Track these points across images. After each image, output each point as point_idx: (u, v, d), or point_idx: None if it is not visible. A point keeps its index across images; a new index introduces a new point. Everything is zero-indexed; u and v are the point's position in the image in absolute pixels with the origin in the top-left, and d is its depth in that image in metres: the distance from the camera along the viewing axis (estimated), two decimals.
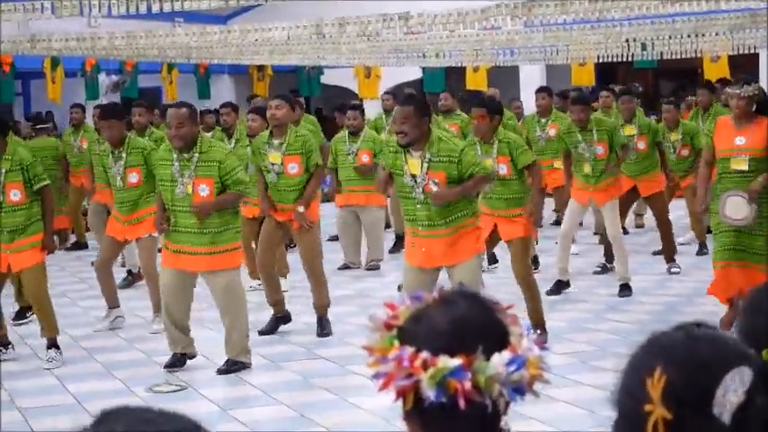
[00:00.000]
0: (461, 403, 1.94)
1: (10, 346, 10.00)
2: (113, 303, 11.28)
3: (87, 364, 9.74)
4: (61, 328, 11.03)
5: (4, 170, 9.61)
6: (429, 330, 2.00)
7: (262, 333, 10.44)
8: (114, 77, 25.65)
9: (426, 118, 8.38)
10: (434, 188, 8.25)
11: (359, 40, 16.73)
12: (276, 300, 10.64)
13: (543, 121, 14.80)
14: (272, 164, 10.46)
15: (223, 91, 29.38)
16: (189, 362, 9.32)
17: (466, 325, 2.01)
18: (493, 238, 10.21)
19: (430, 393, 1.94)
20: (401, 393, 1.99)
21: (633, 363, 1.85)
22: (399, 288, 9.58)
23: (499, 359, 1.96)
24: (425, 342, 1.98)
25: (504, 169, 9.95)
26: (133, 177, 10.86)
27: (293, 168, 10.45)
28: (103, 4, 11.25)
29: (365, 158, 14.14)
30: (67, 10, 11.41)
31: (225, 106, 14.83)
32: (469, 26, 13.56)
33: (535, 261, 12.89)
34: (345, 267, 14.34)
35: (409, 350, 1.98)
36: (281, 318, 10.68)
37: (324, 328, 10.54)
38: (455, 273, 8.44)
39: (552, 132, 14.39)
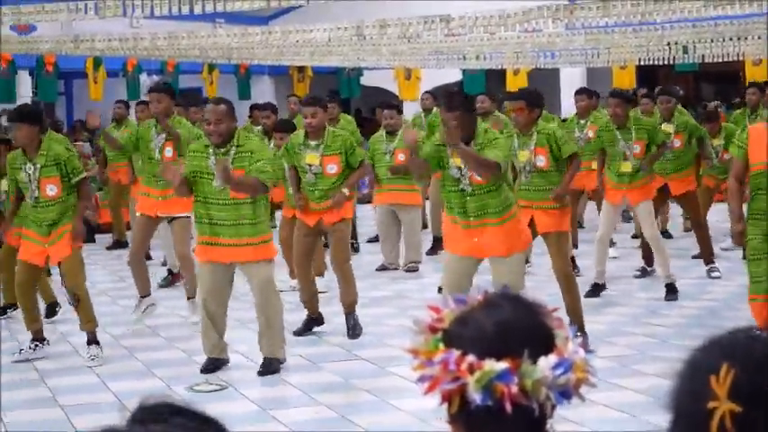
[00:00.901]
0: (508, 407, 1.95)
1: (45, 342, 10.04)
2: (145, 292, 11.33)
3: (128, 362, 9.79)
4: (102, 326, 11.10)
5: (39, 165, 9.67)
6: (474, 333, 2.01)
7: (296, 334, 10.47)
8: (155, 77, 25.78)
9: (473, 114, 8.58)
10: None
11: (399, 42, 16.75)
12: (309, 299, 10.65)
13: (582, 122, 14.76)
14: (310, 165, 10.48)
15: (263, 91, 29.47)
16: (229, 362, 9.35)
17: (512, 328, 2.01)
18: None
19: (476, 397, 1.95)
20: (447, 397, 2.00)
21: (693, 364, 1.83)
22: (439, 290, 9.57)
23: (546, 363, 1.97)
24: (471, 345, 1.98)
25: (542, 161, 9.93)
26: (169, 152, 11.01)
27: (332, 168, 10.48)
28: (146, 5, 11.33)
29: (401, 158, 14.15)
30: (111, 10, 11.50)
31: (264, 108, 14.90)
32: (510, 28, 13.57)
33: (573, 264, 12.88)
34: (383, 268, 14.35)
35: (455, 353, 1.98)
36: (314, 319, 10.68)
37: (354, 329, 10.54)
38: (499, 267, 8.49)
39: (591, 134, 14.35)
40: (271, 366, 9.12)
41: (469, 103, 8.73)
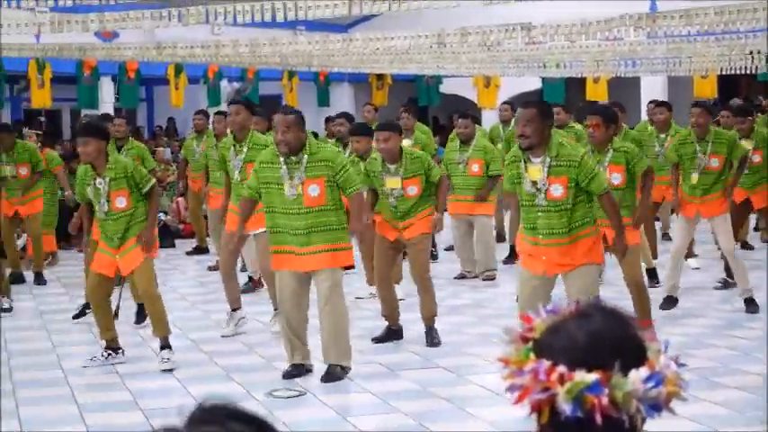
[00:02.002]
0: (598, 419, 1.93)
1: (120, 351, 10.10)
2: (236, 305, 11.38)
3: (208, 367, 9.86)
4: (182, 331, 11.22)
5: (108, 179, 9.74)
6: (565, 344, 2.00)
7: (375, 341, 10.48)
8: (236, 84, 26.02)
9: (549, 122, 8.32)
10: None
11: (479, 50, 16.73)
12: (390, 314, 10.66)
13: (663, 136, 14.62)
14: (392, 189, 10.53)
15: (343, 99, 29.61)
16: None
17: (603, 339, 2.00)
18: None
19: (566, 408, 1.94)
20: (537, 407, 1.99)
21: None
22: (517, 299, 9.51)
23: (637, 375, 1.95)
24: (561, 356, 1.98)
25: (618, 179, 9.86)
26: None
27: (413, 190, 10.52)
28: (229, 13, 11.43)
29: (475, 168, 14.14)
30: (194, 18, 11.62)
31: (339, 117, 14.92)
32: (591, 36, 13.50)
33: (654, 275, 12.79)
34: (462, 277, 14.34)
35: (546, 363, 1.97)
36: (395, 331, 10.67)
37: (433, 338, 10.53)
38: (571, 280, 8.38)
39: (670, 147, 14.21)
40: (335, 374, 9.11)
41: (547, 110, 8.59)
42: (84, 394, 8.95)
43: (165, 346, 9.86)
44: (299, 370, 9.26)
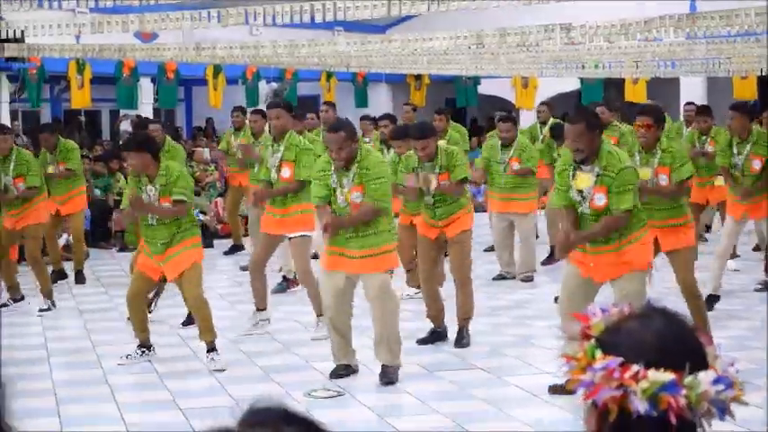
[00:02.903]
0: (673, 419, 1.92)
1: (152, 349, 10.15)
2: (261, 306, 11.41)
3: (246, 367, 9.88)
4: (220, 331, 11.24)
5: (159, 185, 9.81)
6: (633, 343, 1.98)
7: (419, 342, 10.47)
8: (274, 85, 26.07)
9: (597, 131, 8.35)
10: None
11: (518, 51, 16.68)
12: (435, 315, 10.64)
13: (704, 138, 14.55)
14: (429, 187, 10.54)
15: (380, 99, 29.61)
16: None
17: (671, 340, 1.98)
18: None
19: (641, 406, 1.92)
20: (605, 405, 1.97)
21: None
22: (556, 300, 9.48)
23: (706, 377, 1.94)
24: (629, 354, 1.96)
25: (665, 180, 9.81)
26: (286, 172, 11.03)
27: (447, 184, 10.51)
28: (268, 14, 11.45)
29: (515, 167, 14.21)
30: (233, 18, 11.65)
31: (383, 118, 14.98)
32: (631, 37, 13.42)
33: None
34: (501, 277, 14.32)
35: (618, 361, 1.96)
36: (440, 333, 10.65)
37: (462, 339, 10.52)
38: (618, 286, 8.36)
39: (710, 149, 14.13)
40: (390, 374, 9.11)
41: (594, 119, 8.60)
42: (124, 393, 9.00)
43: (212, 349, 9.88)
44: (345, 370, 9.27)
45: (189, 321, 11.41)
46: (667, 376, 1.92)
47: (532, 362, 9.56)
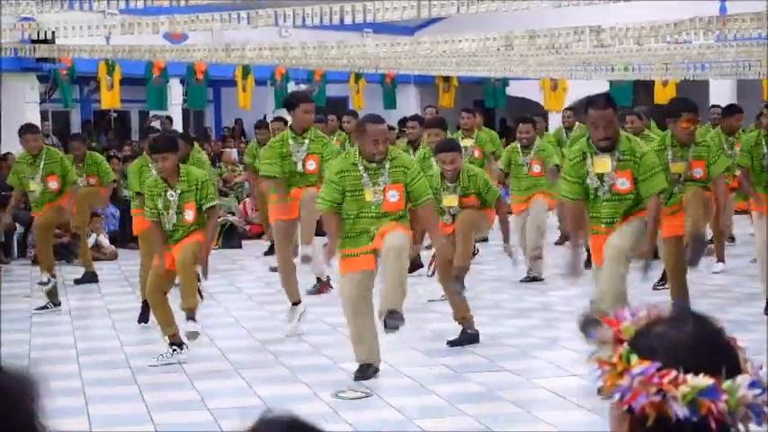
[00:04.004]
0: (713, 424, 1.91)
1: (184, 347, 10.15)
2: (295, 299, 11.42)
3: (274, 368, 9.89)
4: (248, 332, 11.29)
5: (180, 191, 9.83)
6: (669, 347, 1.96)
7: (450, 344, 10.45)
8: (303, 86, 26.08)
9: (617, 115, 8.61)
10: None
11: (547, 53, 16.68)
12: (463, 316, 10.62)
13: (731, 139, 14.49)
14: (449, 207, 10.57)
15: (409, 101, 29.60)
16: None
17: (707, 343, 1.97)
18: None
19: (681, 412, 1.91)
20: (642, 410, 1.95)
21: None
22: (592, 302, 9.31)
23: (743, 381, 1.93)
24: (666, 358, 1.95)
25: (700, 173, 9.89)
26: (311, 164, 11.04)
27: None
28: (297, 15, 11.48)
29: (536, 169, 14.23)
30: (263, 20, 11.68)
31: (412, 119, 14.98)
32: (661, 40, 13.41)
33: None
34: (530, 280, 14.27)
35: (656, 366, 1.94)
36: (472, 335, 10.60)
37: (460, 292, 10.52)
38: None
39: (737, 150, 14.07)
40: (396, 315, 8.92)
41: (614, 104, 8.69)
42: (152, 393, 9.02)
43: (192, 318, 9.96)
44: (368, 371, 9.26)
45: (142, 319, 11.53)
46: (707, 381, 1.90)
47: (560, 364, 9.54)
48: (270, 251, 17.54)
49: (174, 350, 10.08)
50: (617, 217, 8.54)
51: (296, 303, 11.37)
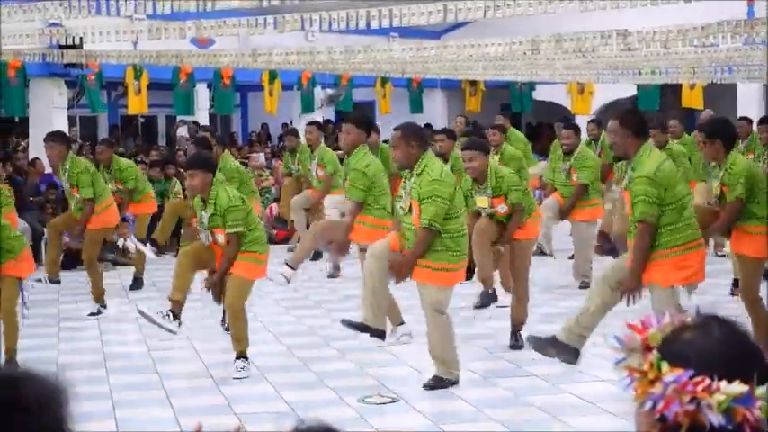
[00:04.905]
0: (748, 431, 1.89)
1: (179, 322, 9.85)
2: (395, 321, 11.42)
3: (301, 373, 9.90)
4: (275, 336, 11.30)
5: (209, 214, 9.74)
6: (700, 354, 1.95)
7: (477, 306, 10.63)
8: (329, 91, 26.12)
9: (635, 133, 8.24)
10: None
11: (574, 57, 16.63)
12: (484, 278, 10.63)
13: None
14: (483, 207, 10.56)
15: (435, 105, 29.61)
16: (401, 375, 9.39)
17: (737, 349, 1.95)
18: None
19: (716, 420, 1.89)
20: (676, 418, 1.94)
21: None
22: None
23: None
24: (697, 365, 1.93)
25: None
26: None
27: (503, 208, 10.53)
28: (324, 20, 11.48)
29: (575, 177, 14.08)
30: (290, 25, 11.69)
31: (440, 132, 14.97)
32: (689, 43, 13.34)
33: None
34: (541, 253, 14.34)
35: (689, 374, 1.93)
36: (491, 294, 10.62)
37: (517, 341, 10.55)
38: (651, 295, 8.28)
39: None
40: (437, 383, 9.08)
41: (639, 123, 8.46)
42: (180, 398, 9.05)
43: (240, 357, 9.77)
44: (360, 328, 9.19)
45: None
46: (741, 388, 1.88)
47: (588, 370, 9.52)
48: (314, 257, 17.53)
49: (167, 315, 9.75)
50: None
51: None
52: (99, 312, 12.83)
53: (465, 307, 11.90)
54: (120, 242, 16.67)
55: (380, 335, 9.23)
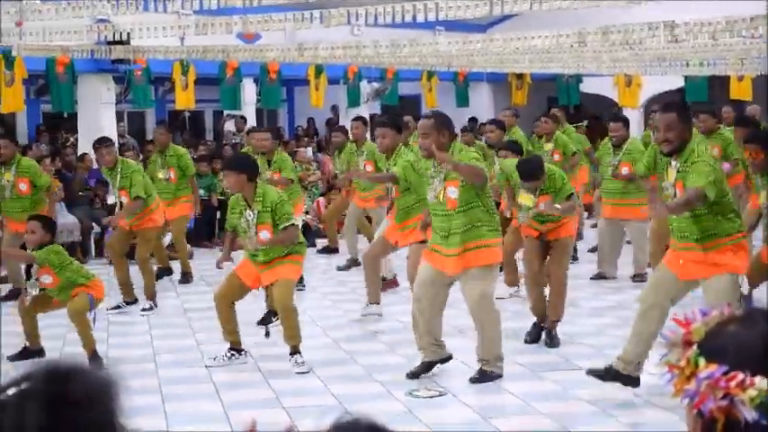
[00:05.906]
0: None
1: (243, 353, 10.16)
2: (374, 299, 11.52)
3: (349, 366, 9.92)
4: (322, 330, 11.32)
5: (256, 211, 9.81)
6: (737, 349, 1.94)
7: (528, 341, 10.48)
8: (375, 85, 26.11)
9: (689, 125, 8.16)
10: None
11: (621, 49, 16.54)
12: (539, 312, 10.60)
13: None
14: (528, 206, 10.53)
15: (482, 99, 29.53)
16: (448, 369, 9.38)
17: None
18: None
19: (750, 415, 1.88)
20: (712, 413, 1.93)
21: None
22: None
23: None
24: (735, 361, 1.92)
25: None
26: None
27: (544, 206, 10.45)
28: (370, 14, 11.49)
29: (625, 171, 13.90)
30: (335, 19, 11.71)
31: (491, 123, 14.94)
32: (737, 35, 13.25)
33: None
34: (599, 277, 14.17)
35: (723, 369, 1.92)
36: (549, 332, 10.59)
37: (553, 339, 10.51)
38: (707, 287, 8.16)
39: None
40: (483, 377, 9.10)
41: (686, 112, 8.34)
42: (228, 392, 9.08)
43: (295, 352, 9.86)
44: (423, 369, 9.26)
45: (263, 321, 11.46)
46: None
47: (657, 366, 9.46)
48: (324, 251, 17.73)
49: (232, 354, 10.11)
50: (687, 233, 8.12)
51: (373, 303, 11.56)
52: (151, 309, 12.91)
53: (512, 300, 11.87)
54: (168, 237, 16.72)
55: (446, 360, 9.38)
